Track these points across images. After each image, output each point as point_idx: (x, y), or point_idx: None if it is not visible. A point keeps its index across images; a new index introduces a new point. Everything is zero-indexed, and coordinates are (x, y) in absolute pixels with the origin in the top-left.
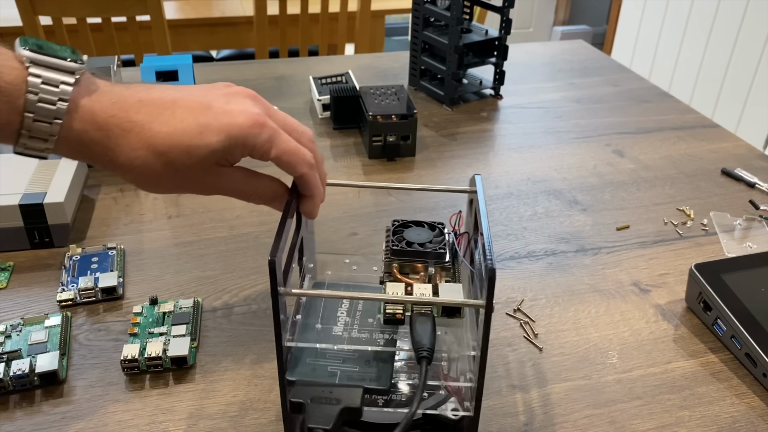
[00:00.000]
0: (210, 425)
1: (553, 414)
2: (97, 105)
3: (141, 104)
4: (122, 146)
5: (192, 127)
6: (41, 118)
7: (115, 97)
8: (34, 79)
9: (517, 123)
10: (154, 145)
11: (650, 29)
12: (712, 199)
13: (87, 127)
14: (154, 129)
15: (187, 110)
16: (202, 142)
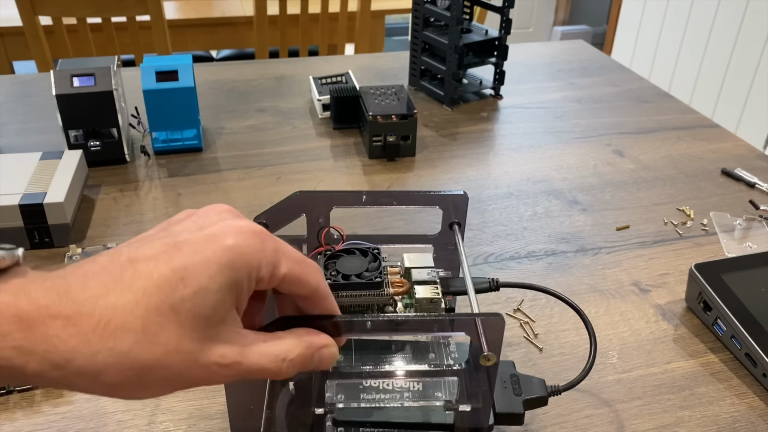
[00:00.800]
0: (210, 425)
1: (553, 414)
2: (22, 298)
3: (87, 278)
4: (69, 344)
5: (167, 279)
6: None
7: (49, 282)
8: None
9: (517, 123)
10: (120, 327)
11: (650, 29)
12: (712, 199)
13: (9, 329)
14: (115, 302)
15: (152, 261)
16: (187, 291)
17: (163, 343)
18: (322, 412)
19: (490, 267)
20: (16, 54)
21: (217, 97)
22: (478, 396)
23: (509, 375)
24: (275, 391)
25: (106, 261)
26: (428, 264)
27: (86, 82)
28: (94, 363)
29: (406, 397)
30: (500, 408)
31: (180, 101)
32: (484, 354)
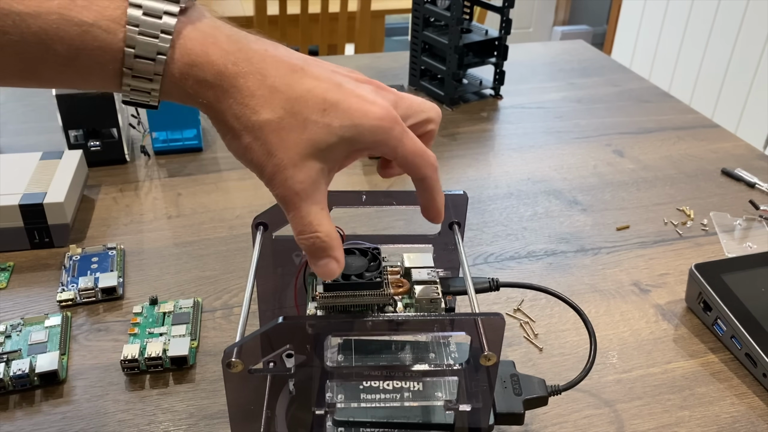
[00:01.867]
0: (210, 425)
1: (553, 414)
2: (209, 38)
3: (267, 54)
4: (233, 90)
5: (317, 101)
6: (143, 53)
7: (233, 33)
8: (134, 11)
9: (517, 123)
10: (270, 104)
11: (650, 29)
12: (712, 199)
13: (197, 61)
14: (276, 86)
15: (316, 81)
16: (322, 120)
17: (281, 138)
18: (323, 412)
19: (489, 267)
20: None
21: None
22: (478, 396)
23: (509, 375)
24: (275, 391)
25: (285, 53)
26: (428, 264)
27: None
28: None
29: (406, 397)
30: (500, 408)
31: None
32: (484, 354)
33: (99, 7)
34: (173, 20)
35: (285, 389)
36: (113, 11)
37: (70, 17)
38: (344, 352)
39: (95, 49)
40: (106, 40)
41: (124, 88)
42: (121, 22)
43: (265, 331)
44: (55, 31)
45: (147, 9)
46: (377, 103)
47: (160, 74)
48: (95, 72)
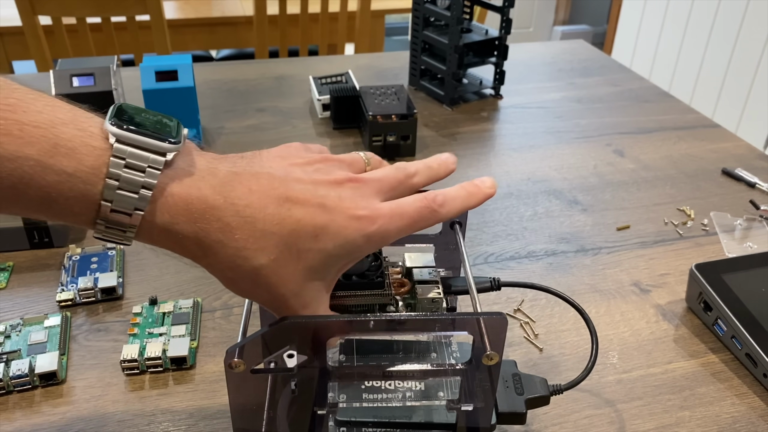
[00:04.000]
0: (210, 425)
1: (553, 414)
2: (194, 192)
3: (252, 195)
4: (224, 243)
5: (308, 230)
6: (119, 208)
7: (216, 181)
8: (117, 161)
9: (517, 123)
10: (262, 249)
11: (650, 29)
12: (712, 199)
13: (176, 219)
14: (267, 228)
15: (303, 207)
16: (316, 246)
17: (278, 275)
18: (324, 413)
19: (490, 267)
20: (15, 54)
21: (216, 97)
22: (480, 395)
23: (511, 374)
24: (277, 392)
25: (266, 183)
26: (429, 263)
27: (86, 82)
28: (230, 261)
29: (408, 397)
30: (502, 407)
31: (180, 101)
32: (486, 353)
33: (80, 155)
34: (156, 175)
35: (286, 389)
36: (95, 160)
37: (49, 165)
38: (346, 352)
39: (70, 198)
40: (83, 190)
41: (96, 232)
42: (100, 175)
43: (266, 332)
44: (30, 177)
45: (130, 162)
46: (359, 210)
47: (135, 227)
48: (68, 217)
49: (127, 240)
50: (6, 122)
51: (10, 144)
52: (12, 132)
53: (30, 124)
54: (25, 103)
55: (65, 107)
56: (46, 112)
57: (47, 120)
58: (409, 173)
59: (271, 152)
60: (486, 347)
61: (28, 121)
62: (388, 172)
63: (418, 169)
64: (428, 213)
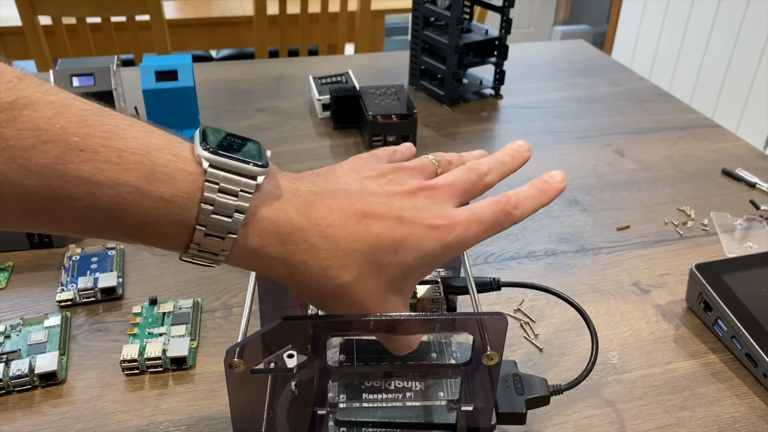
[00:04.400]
0: (210, 425)
1: (553, 414)
2: (282, 215)
3: (333, 214)
4: (309, 264)
5: (387, 245)
6: (213, 232)
7: (299, 203)
8: (211, 186)
9: (517, 123)
10: (345, 266)
11: (650, 29)
12: (712, 199)
13: (266, 242)
14: (349, 246)
15: (380, 221)
16: (396, 260)
17: (362, 291)
18: (324, 412)
19: (490, 267)
20: (15, 54)
21: (216, 97)
22: (480, 395)
23: (511, 374)
24: (277, 392)
25: (345, 200)
26: None
27: (86, 82)
28: (316, 281)
29: (408, 397)
30: (503, 407)
31: (180, 101)
32: (486, 353)
33: (176, 180)
34: (248, 199)
35: (286, 389)
36: (189, 185)
37: (147, 191)
38: (346, 352)
39: (167, 223)
40: (179, 215)
41: (187, 256)
42: (195, 199)
43: (266, 331)
44: (128, 203)
45: (224, 187)
46: (436, 220)
47: (227, 250)
48: (163, 241)
49: (216, 262)
50: (105, 149)
51: (110, 171)
52: (111, 159)
53: (128, 151)
54: (121, 130)
55: (158, 132)
56: (141, 137)
57: (143, 146)
58: (482, 173)
59: (344, 166)
60: (486, 347)
61: (126, 148)
62: (459, 174)
63: (490, 166)
64: (503, 216)
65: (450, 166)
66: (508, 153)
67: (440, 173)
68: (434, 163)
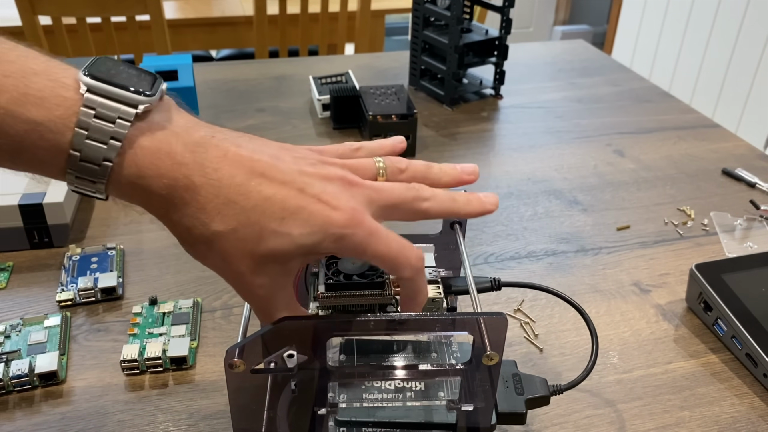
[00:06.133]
0: (210, 425)
1: (553, 414)
2: (164, 146)
3: (226, 159)
4: (186, 202)
5: (275, 210)
6: (88, 158)
7: (190, 141)
8: (87, 110)
9: (517, 123)
10: (222, 216)
11: (650, 29)
12: (712, 199)
13: (144, 173)
14: (231, 197)
15: (277, 186)
16: (280, 229)
17: (236, 248)
18: (325, 412)
19: (490, 267)
20: None
21: (216, 97)
22: (480, 395)
23: (511, 374)
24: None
25: (248, 156)
26: (429, 263)
27: None
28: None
29: (408, 397)
30: (502, 407)
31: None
32: (486, 353)
33: (50, 104)
34: (126, 126)
35: (287, 389)
36: (65, 110)
37: (18, 114)
38: (346, 352)
39: (40, 148)
40: (52, 140)
41: (68, 182)
42: (70, 124)
43: (266, 331)
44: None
45: (100, 112)
46: (340, 207)
47: (104, 178)
48: (38, 166)
49: (99, 192)
50: None
51: None
52: None
53: (1, 74)
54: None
55: (40, 58)
56: (19, 62)
57: (19, 70)
58: (421, 197)
59: (278, 143)
60: (486, 347)
61: (0, 70)
62: (395, 186)
63: (436, 196)
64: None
65: (399, 175)
66: (470, 196)
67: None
68: (379, 166)
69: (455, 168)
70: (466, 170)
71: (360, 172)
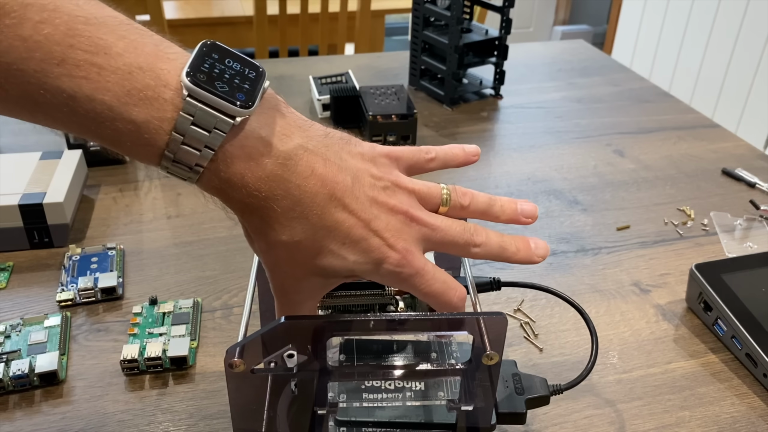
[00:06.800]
0: (210, 425)
1: (553, 414)
2: (253, 161)
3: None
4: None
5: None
6: (180, 161)
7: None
8: (186, 117)
9: (517, 123)
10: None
11: (650, 29)
12: (712, 199)
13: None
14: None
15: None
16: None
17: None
18: (324, 413)
19: (490, 267)
20: None
21: None
22: (480, 395)
23: (511, 374)
24: (277, 392)
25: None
26: None
27: None
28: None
29: (408, 397)
30: (502, 407)
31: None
32: (486, 353)
33: (152, 107)
34: (221, 137)
35: (286, 389)
36: (164, 113)
37: (121, 112)
38: (346, 352)
39: (136, 143)
40: (149, 140)
41: (163, 169)
42: (167, 128)
43: (266, 331)
44: (102, 120)
45: (198, 120)
46: (397, 247)
47: (194, 179)
48: (131, 154)
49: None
50: (86, 64)
51: (87, 87)
52: (90, 76)
53: (108, 69)
54: (108, 44)
55: (148, 48)
56: (127, 55)
57: (126, 65)
58: (475, 242)
59: (359, 146)
60: (486, 347)
61: (108, 66)
62: (453, 228)
63: (487, 241)
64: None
65: (461, 211)
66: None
67: (443, 212)
68: (444, 196)
69: (514, 208)
70: (524, 212)
71: (425, 201)
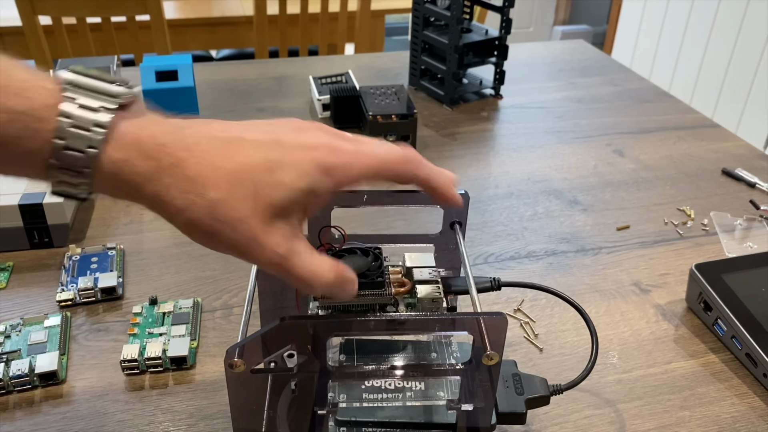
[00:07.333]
0: (210, 425)
1: (553, 414)
2: (144, 132)
3: (200, 135)
4: (173, 181)
5: (261, 164)
6: (72, 145)
7: (167, 126)
8: (69, 103)
9: (517, 123)
10: (214, 183)
11: (650, 29)
12: (712, 199)
13: (130, 156)
14: (216, 163)
15: (254, 145)
16: (272, 180)
17: (238, 210)
18: (324, 413)
19: (490, 267)
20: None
21: (217, 97)
22: (480, 395)
23: (511, 374)
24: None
25: (219, 128)
26: (429, 263)
27: None
28: (185, 198)
29: (408, 397)
30: (503, 407)
31: (180, 101)
32: (486, 353)
33: (32, 94)
34: (109, 115)
35: (287, 389)
36: (47, 99)
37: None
38: (346, 352)
39: (23, 137)
40: (35, 128)
41: (49, 178)
42: (52, 113)
43: (266, 331)
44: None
45: (83, 102)
46: (317, 146)
47: (90, 168)
48: (22, 161)
49: (82, 188)
50: None
51: None
52: None
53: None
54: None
55: (20, 62)
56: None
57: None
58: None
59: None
60: (486, 347)
61: None
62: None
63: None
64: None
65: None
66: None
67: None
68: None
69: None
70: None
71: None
